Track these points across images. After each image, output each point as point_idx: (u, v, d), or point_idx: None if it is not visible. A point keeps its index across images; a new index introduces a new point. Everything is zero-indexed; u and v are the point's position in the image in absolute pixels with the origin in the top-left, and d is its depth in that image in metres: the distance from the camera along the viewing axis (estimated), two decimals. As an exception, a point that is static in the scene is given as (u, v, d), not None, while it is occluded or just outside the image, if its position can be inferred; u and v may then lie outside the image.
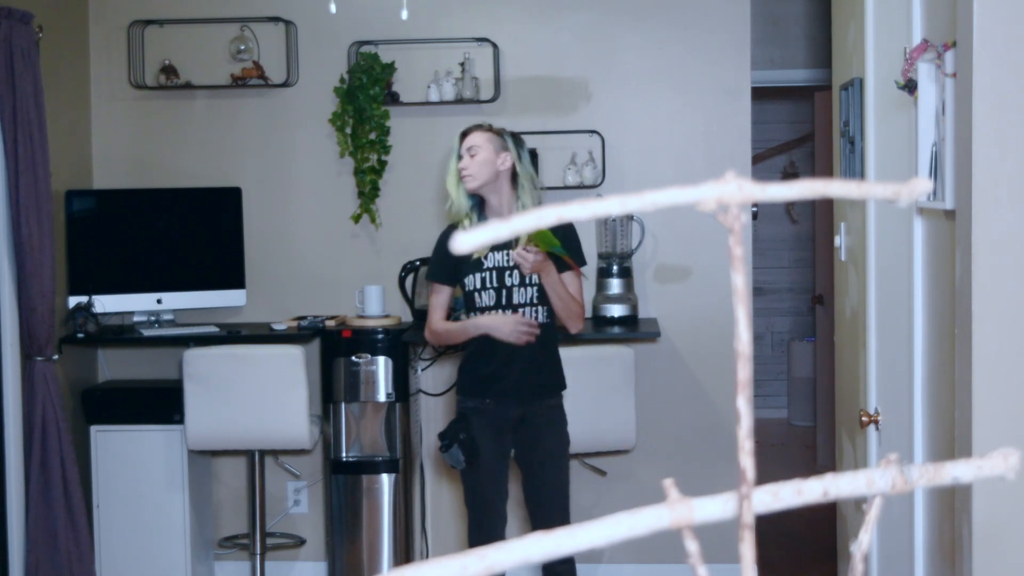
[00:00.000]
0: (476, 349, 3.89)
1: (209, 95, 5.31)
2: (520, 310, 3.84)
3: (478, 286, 3.86)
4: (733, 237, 0.71)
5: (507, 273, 3.85)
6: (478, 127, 3.93)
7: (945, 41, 2.53)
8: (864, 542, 0.78)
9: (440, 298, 3.95)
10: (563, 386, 3.99)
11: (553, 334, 3.93)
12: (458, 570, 0.67)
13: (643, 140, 5.20)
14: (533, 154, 5.14)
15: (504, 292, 3.84)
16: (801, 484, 0.72)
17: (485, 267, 3.85)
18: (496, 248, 3.83)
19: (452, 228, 3.93)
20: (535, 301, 3.85)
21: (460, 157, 3.89)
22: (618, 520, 0.69)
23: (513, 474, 4.05)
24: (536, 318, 3.85)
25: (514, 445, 3.95)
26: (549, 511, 3.92)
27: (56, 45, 4.96)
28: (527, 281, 3.84)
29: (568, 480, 4.01)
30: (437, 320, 3.94)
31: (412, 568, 0.68)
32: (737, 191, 0.70)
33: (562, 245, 3.74)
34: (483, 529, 3.90)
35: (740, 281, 0.71)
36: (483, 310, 3.85)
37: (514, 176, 3.89)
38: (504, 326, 3.80)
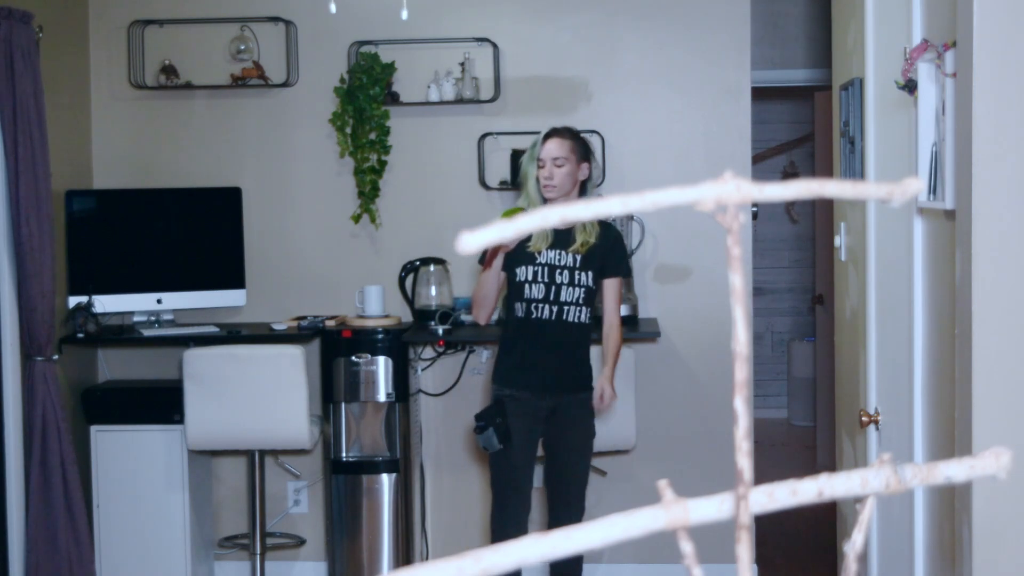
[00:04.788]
0: (514, 341, 4.02)
1: (209, 95, 5.31)
2: (565, 307, 3.96)
3: (529, 278, 3.97)
4: (731, 237, 0.70)
5: (558, 271, 3.97)
6: (563, 133, 4.01)
7: (945, 41, 2.52)
8: (858, 542, 0.77)
9: None
10: (590, 386, 4.09)
11: (588, 335, 4.06)
12: (454, 572, 0.67)
13: (643, 140, 5.20)
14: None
15: (553, 288, 3.97)
16: (796, 484, 0.72)
17: (538, 262, 3.96)
18: (551, 246, 3.97)
19: None
20: (580, 302, 3.99)
21: (539, 161, 3.96)
22: (614, 522, 0.69)
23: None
24: (579, 319, 3.99)
25: (543, 434, 4.09)
26: (567, 497, 4.11)
27: (56, 45, 4.96)
28: (576, 282, 3.97)
29: (588, 470, 4.18)
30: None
31: (409, 571, 0.68)
32: (735, 191, 0.70)
33: (612, 253, 4.01)
34: (506, 513, 4.03)
35: (738, 281, 0.71)
36: (531, 302, 3.96)
37: (583, 182, 4.06)
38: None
